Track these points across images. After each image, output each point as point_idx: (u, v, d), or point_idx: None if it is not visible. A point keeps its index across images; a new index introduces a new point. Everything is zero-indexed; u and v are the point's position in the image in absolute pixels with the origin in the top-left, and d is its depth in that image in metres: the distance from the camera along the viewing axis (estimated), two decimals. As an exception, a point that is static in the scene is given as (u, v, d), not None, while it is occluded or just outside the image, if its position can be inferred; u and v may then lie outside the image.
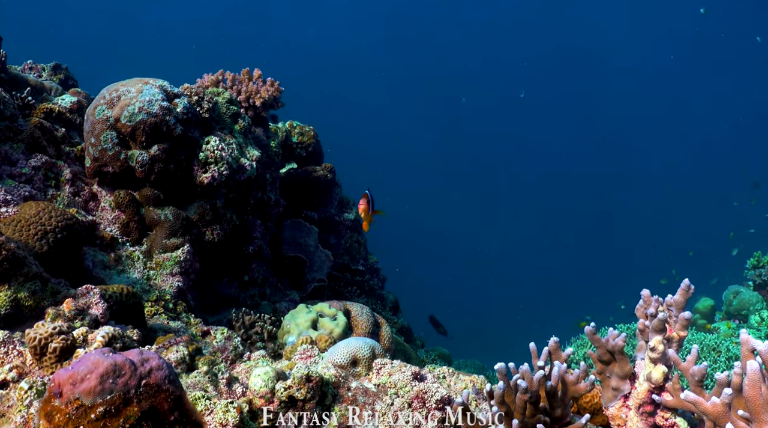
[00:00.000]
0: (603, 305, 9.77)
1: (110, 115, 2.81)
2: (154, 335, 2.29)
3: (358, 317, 3.15)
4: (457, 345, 8.14)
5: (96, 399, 1.09)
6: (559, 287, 19.56)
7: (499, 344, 9.91)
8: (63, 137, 3.08)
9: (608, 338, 1.57)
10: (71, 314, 1.89)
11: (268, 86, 3.83)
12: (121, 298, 2.14)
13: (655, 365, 1.45)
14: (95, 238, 2.75)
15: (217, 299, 3.32)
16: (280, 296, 3.66)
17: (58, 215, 2.26)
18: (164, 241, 2.87)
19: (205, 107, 3.25)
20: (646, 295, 1.57)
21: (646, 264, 17.71)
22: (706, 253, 15.90)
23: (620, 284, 13.68)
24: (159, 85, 2.98)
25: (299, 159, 4.85)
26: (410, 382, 2.03)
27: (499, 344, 9.91)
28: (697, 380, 1.32)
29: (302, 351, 2.37)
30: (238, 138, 3.37)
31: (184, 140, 2.95)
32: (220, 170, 3.05)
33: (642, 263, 18.21)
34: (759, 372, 1.09)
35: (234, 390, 1.98)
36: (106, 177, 2.88)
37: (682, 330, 1.45)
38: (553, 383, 1.38)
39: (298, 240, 4.20)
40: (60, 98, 3.40)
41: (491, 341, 11.81)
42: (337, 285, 4.58)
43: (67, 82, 4.04)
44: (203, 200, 3.08)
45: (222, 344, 2.40)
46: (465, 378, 2.32)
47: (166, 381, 1.19)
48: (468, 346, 9.62)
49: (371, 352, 2.25)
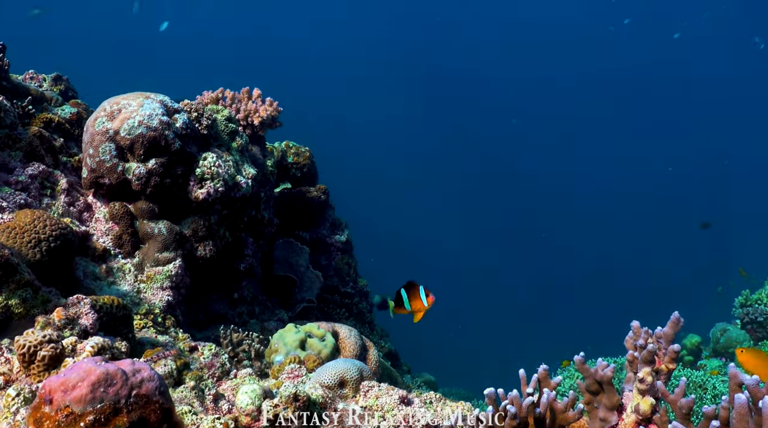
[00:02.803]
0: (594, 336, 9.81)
1: (110, 127, 2.82)
2: (142, 348, 2.28)
3: (347, 340, 3.14)
4: (443, 372, 8.09)
5: (86, 408, 1.09)
6: (548, 318, 19.56)
7: (486, 373, 9.89)
8: (61, 147, 3.09)
9: (597, 368, 1.58)
10: (61, 323, 1.88)
11: (267, 106, 3.87)
12: (111, 309, 2.13)
13: (644, 396, 1.47)
14: (88, 249, 2.74)
15: (206, 316, 3.30)
16: (268, 314, 3.65)
17: (52, 224, 2.26)
18: (156, 255, 2.86)
19: (204, 124, 3.28)
20: (635, 326, 1.59)
21: (643, 296, 17.79)
22: (695, 289, 15.99)
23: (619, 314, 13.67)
24: (160, 100, 3.01)
25: (294, 179, 4.87)
26: (397, 406, 2.03)
27: (486, 373, 9.89)
28: (685, 413, 1.34)
29: (290, 371, 2.36)
30: (235, 156, 3.40)
31: (182, 155, 2.97)
32: (216, 186, 3.07)
33: (639, 295, 18.29)
34: (746, 405, 1.10)
35: (220, 406, 1.97)
36: (102, 188, 2.89)
37: (671, 363, 1.47)
38: (541, 410, 1.39)
39: (290, 260, 4.20)
40: (60, 109, 3.42)
41: (477, 369, 11.75)
42: (326, 307, 4.57)
43: (67, 94, 4.06)
44: (197, 215, 3.09)
45: (209, 360, 2.39)
46: (452, 404, 2.32)
47: (157, 392, 1.19)
48: (453, 374, 9.56)
49: (359, 374, 2.25)
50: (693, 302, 11.98)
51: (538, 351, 5.81)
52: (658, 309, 3.43)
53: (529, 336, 16.29)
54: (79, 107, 3.47)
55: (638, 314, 1.71)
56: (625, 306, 9.60)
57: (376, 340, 4.68)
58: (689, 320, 1.70)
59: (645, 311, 1.92)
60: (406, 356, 5.39)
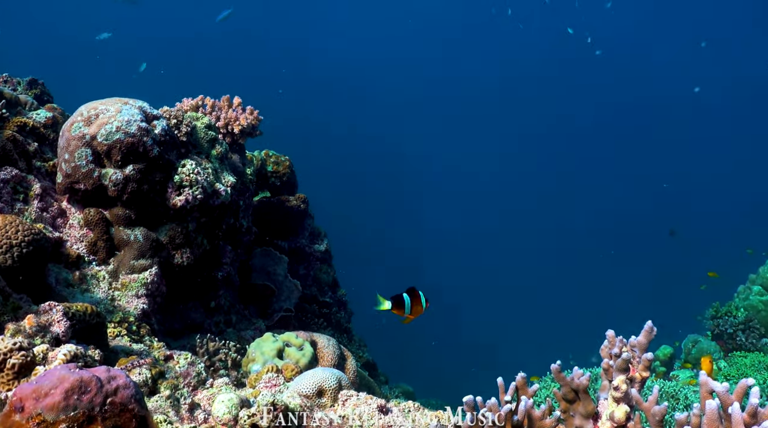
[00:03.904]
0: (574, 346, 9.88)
1: (87, 132, 2.79)
2: (116, 356, 2.24)
3: (325, 349, 3.12)
4: (420, 383, 8.08)
5: (59, 416, 1.07)
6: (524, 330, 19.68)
7: (463, 384, 9.89)
8: (35, 152, 3.04)
9: (573, 376, 1.60)
10: (32, 330, 1.84)
11: (247, 114, 3.85)
12: (84, 317, 2.09)
13: (618, 404, 1.49)
14: (61, 255, 2.70)
15: (182, 324, 3.26)
16: (246, 324, 3.61)
17: (24, 230, 2.22)
18: (132, 262, 2.82)
19: (183, 131, 3.25)
20: (611, 335, 1.61)
21: (620, 307, 18.00)
22: (667, 300, 16.23)
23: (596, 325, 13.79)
24: (138, 106, 2.99)
25: (273, 188, 4.85)
26: (376, 415, 2.02)
27: (463, 384, 9.89)
28: (658, 420, 1.36)
29: (267, 380, 2.34)
30: (214, 163, 3.38)
31: (160, 161, 2.94)
32: (195, 193, 3.04)
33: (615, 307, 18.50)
34: (717, 411, 1.13)
35: (196, 416, 1.94)
36: (77, 194, 2.84)
37: (645, 371, 1.49)
38: (519, 417, 1.40)
39: (268, 269, 4.17)
40: (35, 113, 3.37)
41: (455, 381, 11.76)
42: (304, 316, 4.54)
43: (43, 98, 4.00)
44: (175, 222, 3.05)
45: (185, 369, 2.36)
46: (430, 413, 2.32)
47: (132, 400, 1.18)
48: (431, 385, 9.55)
49: (338, 383, 2.24)
50: (664, 313, 12.18)
51: (514, 363, 5.84)
52: (633, 318, 3.48)
53: (505, 348, 16.36)
54: (55, 112, 3.42)
55: (614, 325, 1.73)
56: (601, 317, 9.72)
57: (354, 350, 4.66)
58: (660, 331, 1.73)
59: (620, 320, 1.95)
60: (383, 366, 5.38)
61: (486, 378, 3.05)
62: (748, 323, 5.37)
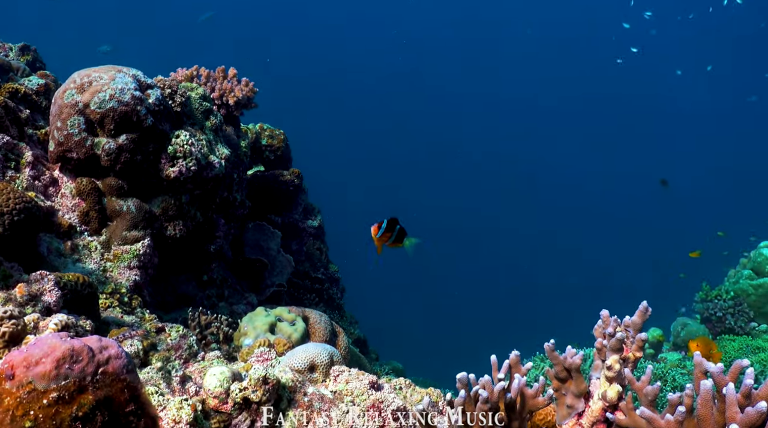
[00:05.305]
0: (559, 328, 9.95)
1: (79, 100, 2.74)
2: (107, 327, 2.23)
3: (317, 325, 3.13)
4: (410, 361, 8.14)
5: (50, 384, 1.05)
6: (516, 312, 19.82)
7: (452, 364, 9.97)
8: (27, 119, 2.98)
9: (566, 355, 1.60)
10: (23, 299, 1.83)
11: (242, 86, 3.80)
12: (76, 287, 2.08)
13: (611, 383, 1.49)
14: (52, 225, 2.67)
15: (174, 297, 3.25)
16: (238, 298, 3.61)
17: (16, 197, 2.18)
18: (124, 233, 2.80)
19: (178, 101, 3.20)
20: (604, 315, 1.61)
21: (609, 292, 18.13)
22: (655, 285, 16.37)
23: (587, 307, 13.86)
24: (132, 74, 2.93)
25: (267, 162, 4.81)
26: (367, 390, 2.02)
27: (452, 364, 9.97)
28: (650, 400, 1.36)
29: (259, 354, 2.34)
30: (208, 135, 3.33)
31: (154, 131, 2.90)
32: (188, 165, 3.01)
33: (604, 292, 18.63)
34: (711, 391, 1.13)
35: (187, 388, 1.94)
36: (69, 163, 2.80)
37: (638, 351, 1.49)
38: (512, 395, 1.40)
39: (261, 243, 4.15)
40: (27, 79, 3.30)
41: (444, 360, 11.86)
42: (296, 292, 4.54)
43: (35, 65, 3.93)
44: (168, 194, 3.02)
45: (176, 342, 2.35)
46: (421, 390, 2.33)
47: (124, 370, 1.16)
48: (420, 363, 9.63)
49: (329, 358, 2.24)
50: (651, 296, 12.24)
51: (505, 343, 5.88)
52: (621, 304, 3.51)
53: (497, 328, 16.50)
54: (48, 79, 3.36)
55: (604, 307, 1.73)
56: (592, 301, 9.82)
57: (345, 326, 4.68)
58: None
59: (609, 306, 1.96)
60: (373, 343, 5.41)
61: (477, 359, 3.07)
62: (737, 306, 5.42)
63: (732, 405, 1.08)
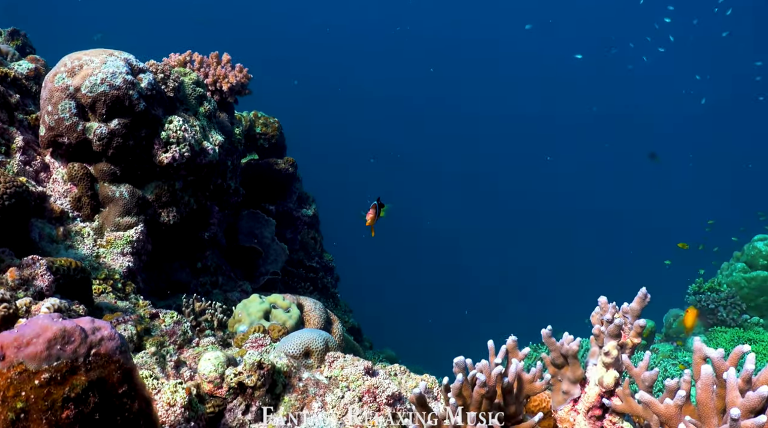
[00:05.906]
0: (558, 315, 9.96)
1: (70, 83, 2.70)
2: (101, 313, 2.21)
3: (311, 312, 3.11)
4: (403, 350, 8.17)
5: (41, 365, 1.03)
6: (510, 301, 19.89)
7: (446, 352, 9.99)
8: (17, 104, 2.94)
9: (563, 341, 1.59)
10: (15, 283, 1.80)
11: (236, 72, 3.76)
12: (68, 272, 2.05)
13: (608, 369, 1.48)
14: (44, 210, 2.63)
15: (168, 284, 3.22)
16: (232, 285, 3.59)
17: (7, 182, 2.15)
18: (117, 219, 2.77)
19: (171, 86, 3.17)
20: (603, 302, 1.60)
21: (610, 272, 18.20)
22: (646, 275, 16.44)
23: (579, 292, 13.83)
24: (124, 58, 2.89)
25: (261, 150, 4.78)
26: (362, 376, 2.02)
27: (446, 352, 9.99)
28: (648, 385, 1.36)
29: (254, 340, 2.32)
30: (202, 121, 3.30)
31: (147, 116, 2.86)
32: (182, 151, 2.98)
33: (605, 270, 18.70)
34: (711, 376, 1.12)
35: (182, 373, 1.93)
36: (60, 148, 2.77)
37: (636, 337, 1.48)
38: (510, 380, 1.39)
39: (255, 231, 4.13)
40: (17, 64, 3.25)
41: (438, 347, 11.91)
42: (291, 280, 4.53)
43: (25, 50, 3.87)
44: (161, 180, 2.99)
45: (171, 327, 2.33)
46: (416, 376, 2.32)
47: (117, 352, 1.14)
48: (413, 352, 9.66)
49: (324, 344, 2.23)
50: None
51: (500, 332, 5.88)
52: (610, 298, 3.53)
53: (490, 317, 16.57)
54: (38, 63, 3.31)
55: (593, 300, 1.72)
56: (584, 290, 9.85)
57: (340, 315, 4.67)
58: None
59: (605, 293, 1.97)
60: (367, 332, 5.41)
61: (471, 347, 3.08)
62: (730, 299, 5.45)
63: (732, 390, 1.08)
